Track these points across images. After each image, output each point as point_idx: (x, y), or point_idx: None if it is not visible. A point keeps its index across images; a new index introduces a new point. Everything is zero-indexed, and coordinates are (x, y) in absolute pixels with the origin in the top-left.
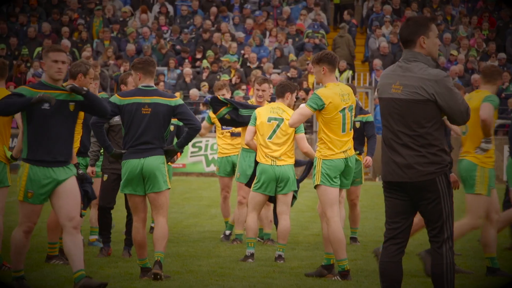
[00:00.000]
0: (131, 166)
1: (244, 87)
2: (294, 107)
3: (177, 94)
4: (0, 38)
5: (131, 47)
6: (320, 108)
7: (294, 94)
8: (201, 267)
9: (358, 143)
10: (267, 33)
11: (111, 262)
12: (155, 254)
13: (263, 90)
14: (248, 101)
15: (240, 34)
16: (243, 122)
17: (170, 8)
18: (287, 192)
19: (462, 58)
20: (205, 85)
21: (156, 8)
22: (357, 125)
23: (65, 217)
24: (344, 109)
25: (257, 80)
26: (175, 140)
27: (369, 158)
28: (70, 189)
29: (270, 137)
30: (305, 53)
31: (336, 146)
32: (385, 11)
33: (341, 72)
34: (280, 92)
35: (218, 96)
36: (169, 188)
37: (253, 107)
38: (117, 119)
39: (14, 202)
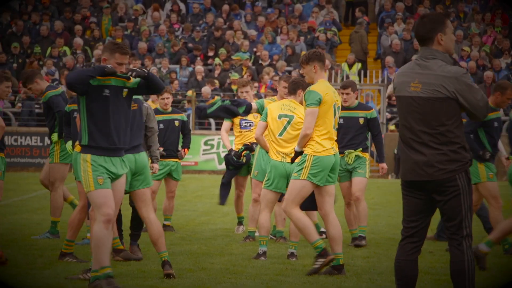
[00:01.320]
0: (128, 162)
1: (256, 84)
2: None
3: (190, 92)
4: (14, 37)
5: (142, 45)
6: (320, 102)
7: None
8: (213, 264)
9: (362, 139)
10: (279, 30)
11: (125, 260)
12: (161, 255)
13: None
14: (267, 99)
15: (252, 32)
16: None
17: (182, 6)
18: None
19: (475, 55)
20: (215, 83)
21: (168, 6)
22: (361, 121)
23: None
24: (334, 105)
25: (283, 77)
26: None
27: (384, 165)
28: (119, 188)
29: (280, 134)
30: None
31: (327, 142)
32: (398, 8)
33: (350, 66)
34: (292, 89)
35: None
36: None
37: (244, 103)
38: None
39: (27, 200)
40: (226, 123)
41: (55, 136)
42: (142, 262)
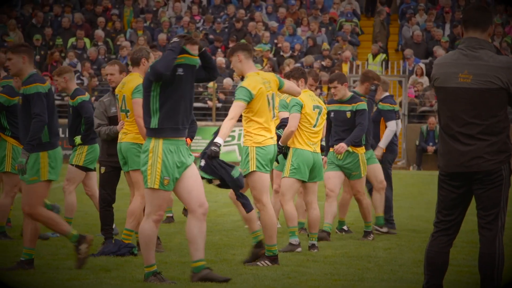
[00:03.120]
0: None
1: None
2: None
3: (211, 83)
4: (35, 29)
5: (162, 36)
6: (251, 99)
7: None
8: (235, 256)
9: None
10: (300, 22)
11: None
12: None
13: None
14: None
15: (273, 23)
16: None
17: None
18: (319, 180)
19: (497, 45)
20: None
21: None
22: (348, 115)
23: (196, 202)
24: (268, 96)
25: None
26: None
27: (343, 145)
28: (196, 173)
29: (314, 125)
30: (341, 41)
31: (264, 132)
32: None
33: (374, 56)
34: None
35: None
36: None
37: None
38: (114, 109)
39: (50, 191)
40: None
41: None
42: (163, 253)
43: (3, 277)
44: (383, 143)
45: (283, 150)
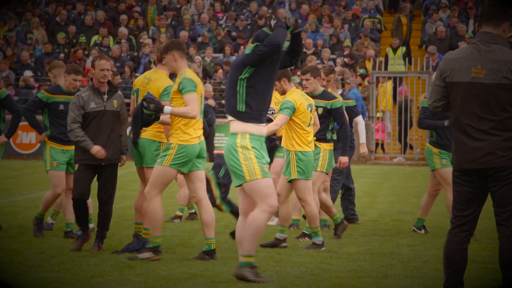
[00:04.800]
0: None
1: (299, 73)
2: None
3: None
4: (59, 26)
5: (184, 34)
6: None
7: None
8: (258, 253)
9: (321, 129)
10: (323, 19)
11: (169, 248)
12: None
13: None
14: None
15: None
16: None
17: None
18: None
19: None
20: None
21: None
22: (319, 111)
23: (252, 203)
24: (201, 95)
25: (323, 69)
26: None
27: (345, 159)
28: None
29: (308, 125)
30: (363, 37)
31: (192, 130)
32: None
33: (395, 50)
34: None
35: None
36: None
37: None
38: (93, 105)
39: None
40: None
41: None
42: (186, 250)
43: (29, 273)
44: (363, 139)
45: (274, 142)
